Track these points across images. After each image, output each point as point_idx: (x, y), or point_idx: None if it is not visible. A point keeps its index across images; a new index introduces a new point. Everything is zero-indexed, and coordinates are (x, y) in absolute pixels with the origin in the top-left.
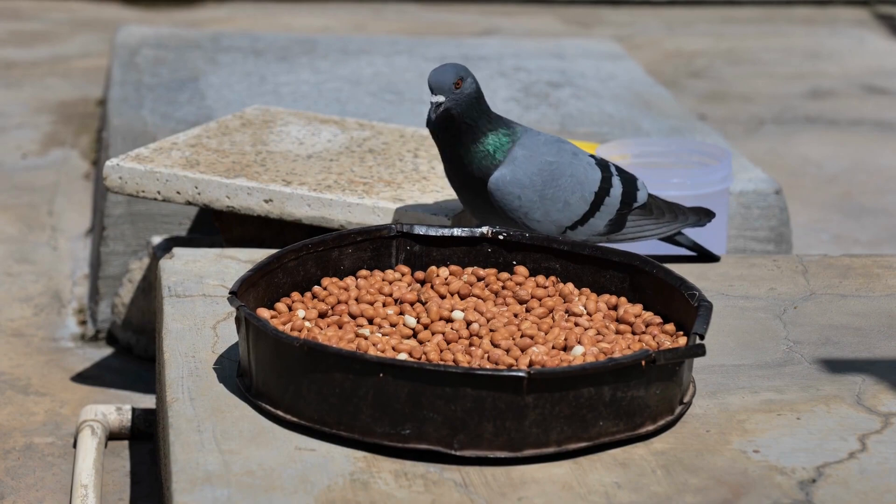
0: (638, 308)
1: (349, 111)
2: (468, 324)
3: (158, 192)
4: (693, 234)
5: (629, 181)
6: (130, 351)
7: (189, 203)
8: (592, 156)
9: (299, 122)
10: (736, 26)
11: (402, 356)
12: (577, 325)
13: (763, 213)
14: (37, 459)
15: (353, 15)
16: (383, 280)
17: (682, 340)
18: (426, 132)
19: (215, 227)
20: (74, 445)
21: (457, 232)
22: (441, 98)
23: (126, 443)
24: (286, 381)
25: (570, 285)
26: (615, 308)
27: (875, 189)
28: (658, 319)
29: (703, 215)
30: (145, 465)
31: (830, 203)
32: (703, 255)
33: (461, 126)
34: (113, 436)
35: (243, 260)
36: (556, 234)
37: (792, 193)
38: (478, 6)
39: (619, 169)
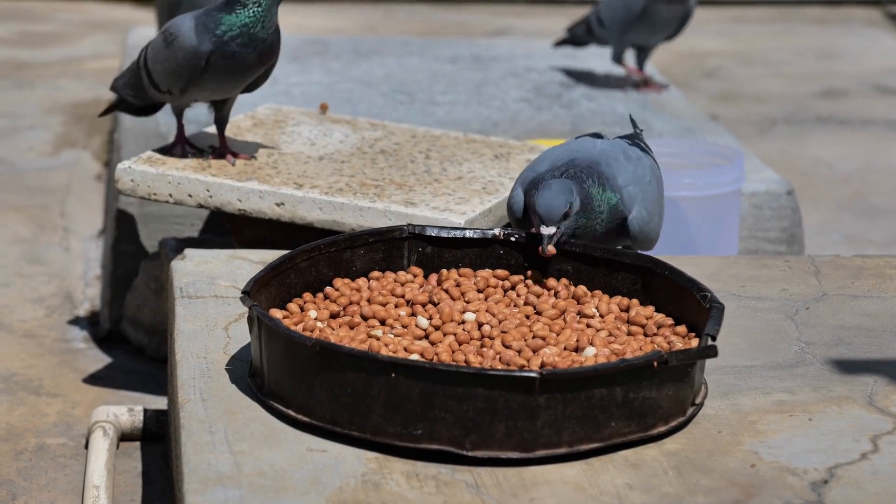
0: (650, 309)
1: (361, 111)
2: (480, 325)
3: (170, 195)
4: (705, 235)
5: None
6: (142, 352)
7: (201, 206)
8: (624, 137)
9: (311, 122)
10: (748, 26)
11: (414, 357)
12: (588, 326)
13: (775, 213)
14: (49, 460)
15: (365, 16)
16: (395, 281)
17: (694, 342)
18: (438, 132)
19: (226, 228)
20: (86, 446)
21: (469, 234)
22: (552, 230)
23: (138, 444)
24: (298, 381)
25: (583, 287)
26: (627, 309)
27: (887, 189)
28: (670, 321)
29: None
30: (157, 466)
31: (842, 203)
32: None
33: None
34: (125, 437)
35: (255, 261)
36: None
37: (804, 194)
38: (489, 7)
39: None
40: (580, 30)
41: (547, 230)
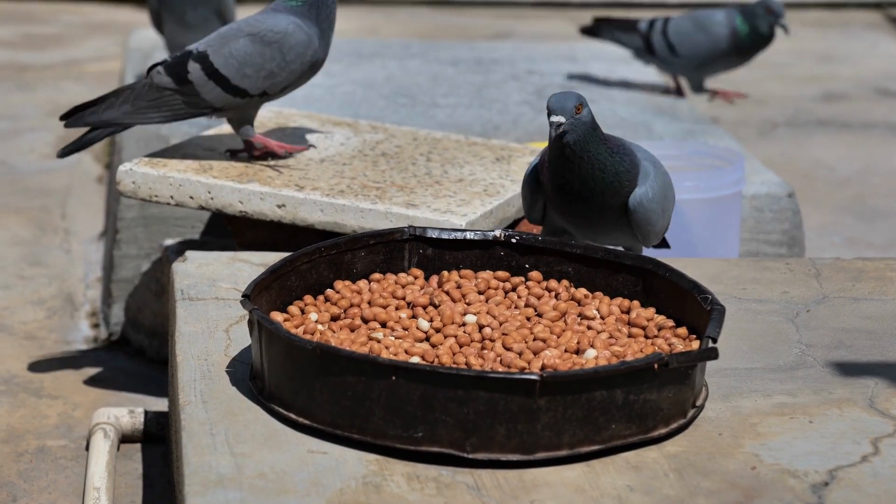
0: (650, 311)
1: (362, 114)
2: (480, 327)
3: (171, 197)
4: (705, 238)
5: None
6: (143, 354)
7: (202, 208)
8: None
9: (312, 125)
10: None
11: (415, 359)
12: (589, 328)
13: (776, 216)
14: (49, 462)
15: (367, 18)
16: (396, 283)
17: (695, 344)
18: (439, 134)
19: (228, 230)
20: (87, 448)
21: (470, 235)
22: (561, 119)
23: (138, 446)
24: (299, 384)
25: (583, 289)
26: (628, 311)
27: (888, 192)
28: (671, 323)
29: None
30: (158, 467)
31: (843, 206)
32: None
33: (583, 155)
34: (125, 438)
35: (256, 263)
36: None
37: (804, 196)
38: (491, 9)
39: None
40: (633, 40)
41: (556, 118)
